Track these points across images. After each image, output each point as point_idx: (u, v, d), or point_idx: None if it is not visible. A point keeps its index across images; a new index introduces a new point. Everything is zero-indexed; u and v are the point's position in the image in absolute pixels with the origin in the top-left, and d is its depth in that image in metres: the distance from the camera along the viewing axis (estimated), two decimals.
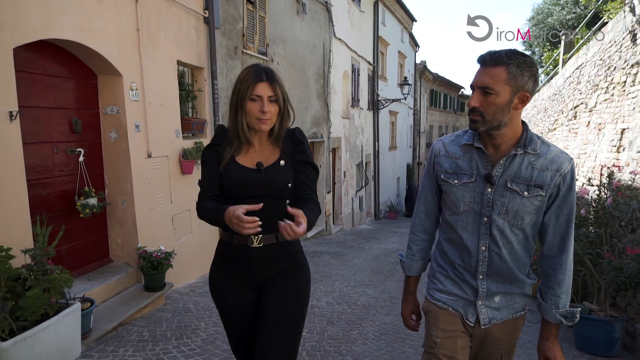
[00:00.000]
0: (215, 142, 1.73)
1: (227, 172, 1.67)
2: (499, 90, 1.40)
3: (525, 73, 1.40)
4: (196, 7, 5.31)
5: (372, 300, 5.11)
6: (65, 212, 3.77)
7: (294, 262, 1.78)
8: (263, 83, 1.64)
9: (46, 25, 3.24)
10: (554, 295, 1.53)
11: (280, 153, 1.73)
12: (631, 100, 4.83)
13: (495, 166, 1.50)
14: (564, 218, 1.50)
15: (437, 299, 1.65)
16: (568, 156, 1.50)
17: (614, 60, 5.64)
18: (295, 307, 1.75)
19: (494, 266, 1.54)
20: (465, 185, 1.55)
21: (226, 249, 1.74)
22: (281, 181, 1.69)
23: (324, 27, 10.08)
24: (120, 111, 4.13)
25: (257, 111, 1.64)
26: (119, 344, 3.29)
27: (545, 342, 1.56)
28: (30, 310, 2.34)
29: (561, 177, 1.47)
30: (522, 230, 1.52)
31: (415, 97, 21.85)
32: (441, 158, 1.62)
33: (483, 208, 1.52)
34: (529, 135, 1.49)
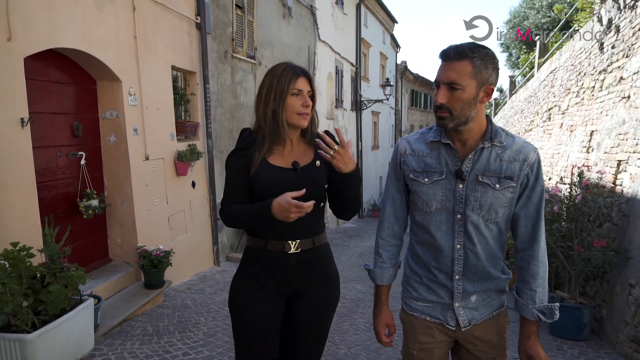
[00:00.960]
0: (243, 146, 1.66)
1: (261, 175, 1.61)
2: (465, 85, 1.38)
3: (489, 65, 1.40)
4: (189, 13, 5.48)
5: (360, 294, 5.37)
6: (67, 214, 3.91)
7: (327, 268, 1.75)
8: (303, 78, 1.63)
9: (53, 36, 3.39)
10: (530, 289, 1.50)
11: (314, 153, 1.69)
12: (599, 105, 5.20)
13: (465, 161, 1.48)
14: (534, 207, 1.50)
15: (413, 308, 1.61)
16: (533, 146, 1.51)
17: (583, 66, 6.02)
18: (329, 319, 1.76)
19: (469, 264, 1.51)
20: (436, 183, 1.51)
21: (258, 257, 1.66)
22: (318, 182, 1.65)
23: (309, 30, 10.31)
24: (119, 115, 4.29)
25: (299, 105, 1.61)
26: (125, 338, 3.47)
27: (527, 340, 1.52)
28: (53, 305, 2.51)
29: (529, 167, 1.47)
30: (496, 224, 1.50)
31: (396, 97, 22.25)
32: (408, 157, 1.57)
33: (456, 205, 1.49)
34: (494, 128, 1.49)
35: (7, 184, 2.97)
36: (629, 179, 4.01)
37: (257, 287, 1.66)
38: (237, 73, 6.85)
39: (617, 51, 4.89)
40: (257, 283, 1.66)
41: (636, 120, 4.09)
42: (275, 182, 1.59)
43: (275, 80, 1.61)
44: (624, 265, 3.73)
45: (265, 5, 7.87)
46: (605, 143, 4.73)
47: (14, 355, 2.35)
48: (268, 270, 1.66)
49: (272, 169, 1.62)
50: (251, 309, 1.66)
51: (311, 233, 1.66)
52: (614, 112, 4.68)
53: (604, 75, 5.19)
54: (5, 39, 2.96)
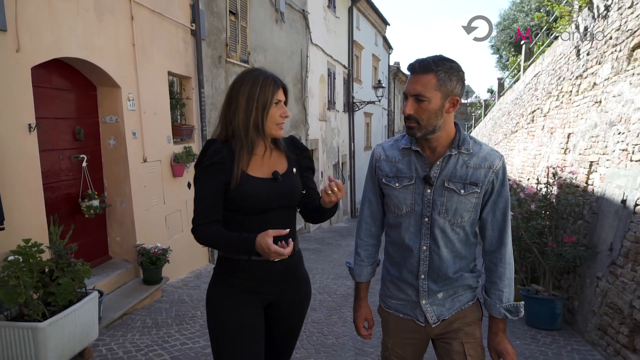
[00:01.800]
0: (218, 160, 1.57)
1: (243, 188, 1.56)
2: (430, 97, 1.46)
3: (453, 78, 1.47)
4: (184, 20, 5.70)
5: (349, 290, 5.61)
6: (70, 213, 4.12)
7: (302, 271, 1.78)
8: (282, 89, 1.64)
9: (57, 46, 3.61)
10: (497, 290, 1.58)
11: (287, 161, 1.70)
12: (575, 108, 5.48)
13: (433, 167, 1.56)
14: (500, 212, 1.57)
15: (388, 306, 1.71)
16: (499, 153, 1.58)
17: (563, 71, 6.30)
18: (303, 319, 1.82)
19: (434, 265, 1.58)
20: (406, 187, 1.59)
21: (240, 267, 1.61)
22: (298, 189, 1.68)
23: (301, 34, 10.54)
24: (118, 120, 4.50)
25: (278, 116, 1.61)
26: (126, 329, 3.69)
27: (495, 337, 1.61)
28: (62, 296, 2.73)
29: (494, 174, 1.54)
30: (462, 228, 1.57)
31: (389, 98, 22.56)
32: (382, 162, 1.66)
33: (424, 209, 1.56)
34: (462, 136, 1.56)
35: (16, 185, 3.18)
36: (599, 179, 4.28)
37: (243, 300, 1.61)
38: (231, 77, 7.06)
39: (592, 58, 5.16)
40: (242, 295, 1.61)
41: (606, 124, 4.37)
42: (257, 194, 1.56)
43: (256, 89, 1.57)
44: (593, 259, 4.00)
45: (258, 11, 8.10)
46: (580, 145, 5.01)
47: (27, 342, 2.57)
48: (253, 281, 1.61)
49: (254, 181, 1.58)
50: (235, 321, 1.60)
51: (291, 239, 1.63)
52: (588, 115, 4.96)
53: (580, 80, 5.48)
54: (15, 50, 3.17)
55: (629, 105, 3.91)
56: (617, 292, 3.48)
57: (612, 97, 4.35)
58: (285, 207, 1.63)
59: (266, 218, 1.59)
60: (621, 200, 3.68)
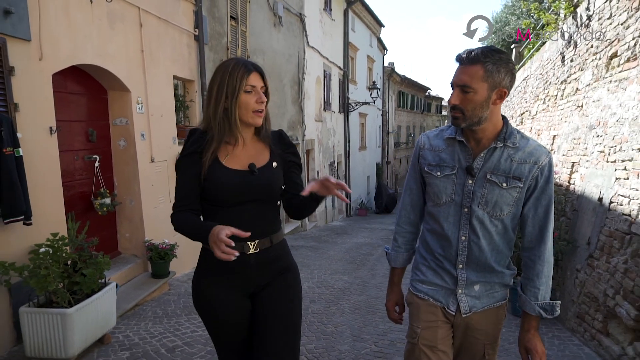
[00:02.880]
0: (194, 150, 1.58)
1: (215, 178, 1.55)
2: (476, 88, 1.44)
3: (501, 70, 1.44)
4: (188, 26, 5.95)
5: (346, 284, 5.89)
6: (84, 210, 4.37)
7: (285, 263, 1.74)
8: (255, 73, 1.57)
9: (75, 54, 3.85)
10: (533, 287, 1.55)
11: (269, 154, 1.67)
12: (560, 112, 5.79)
13: (476, 159, 1.54)
14: (542, 210, 1.54)
15: (419, 290, 1.69)
16: (546, 150, 1.54)
17: (549, 76, 6.62)
18: (293, 309, 1.73)
19: (472, 256, 1.57)
20: (447, 177, 1.58)
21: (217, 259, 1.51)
22: (276, 184, 1.65)
23: (298, 37, 10.81)
24: (128, 122, 4.75)
25: (254, 102, 1.56)
26: (139, 319, 3.95)
27: (526, 334, 1.59)
28: (87, 285, 2.99)
29: (539, 170, 1.50)
30: (501, 221, 1.55)
31: (383, 98, 22.85)
32: (425, 151, 1.66)
33: (464, 199, 1.55)
34: (509, 129, 1.54)
35: (39, 184, 3.42)
36: (580, 178, 4.59)
37: (217, 286, 1.63)
38: None
39: (575, 64, 5.47)
40: (217, 283, 1.63)
41: (586, 127, 4.67)
42: (230, 186, 1.56)
43: (226, 77, 1.54)
44: (573, 253, 4.31)
45: (257, 15, 8.36)
46: (564, 146, 5.32)
47: (57, 326, 2.83)
48: (227, 271, 1.62)
49: (227, 171, 1.57)
50: (214, 310, 1.64)
51: (269, 232, 1.64)
52: (571, 119, 5.27)
53: (565, 85, 5.79)
54: (38, 59, 3.42)
55: (607, 110, 4.21)
56: (593, 282, 3.78)
57: (592, 102, 4.65)
58: (261, 201, 1.60)
59: (239, 210, 1.56)
60: (598, 198, 3.98)
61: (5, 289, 3.06)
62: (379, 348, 3.60)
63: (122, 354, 3.22)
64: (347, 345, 3.68)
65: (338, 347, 3.62)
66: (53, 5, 3.56)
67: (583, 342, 3.79)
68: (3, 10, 3.05)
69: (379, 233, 11.92)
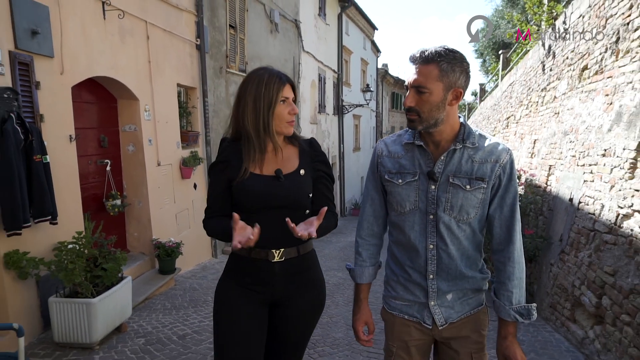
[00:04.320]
0: (223, 159, 1.64)
1: (244, 186, 1.58)
2: (432, 88, 1.40)
3: (456, 69, 1.40)
4: (190, 36, 6.29)
5: (341, 280, 6.26)
6: (96, 211, 4.70)
7: (312, 276, 1.71)
8: (288, 85, 1.61)
9: (91, 67, 4.19)
10: (506, 290, 1.49)
11: (299, 161, 1.67)
12: (540, 118, 6.19)
13: (437, 162, 1.49)
14: (508, 208, 1.50)
15: (392, 307, 1.63)
16: (506, 147, 1.50)
17: (532, 83, 7.02)
18: (311, 328, 1.72)
19: (442, 264, 1.51)
20: (409, 184, 1.52)
21: (242, 264, 1.63)
22: (302, 191, 1.63)
23: (294, 42, 11.16)
24: (136, 129, 5.09)
25: (287, 114, 1.59)
26: (150, 311, 4.29)
27: (504, 341, 1.51)
28: (108, 278, 3.33)
29: (501, 168, 1.47)
30: (468, 225, 1.50)
31: (377, 100, 23.24)
32: (384, 158, 1.60)
33: (428, 205, 1.50)
34: (466, 129, 1.50)
35: (62, 188, 3.75)
36: (555, 180, 4.98)
37: (243, 296, 1.63)
38: (230, 86, 7.67)
39: (554, 74, 5.87)
40: (243, 291, 1.63)
41: (562, 133, 5.07)
42: (257, 192, 1.58)
43: (262, 89, 1.56)
44: (548, 249, 4.70)
45: (254, 23, 8.70)
46: (542, 150, 5.72)
47: (83, 314, 3.17)
48: (252, 278, 1.62)
49: (255, 178, 1.59)
50: (233, 316, 1.62)
51: (296, 241, 1.60)
52: (549, 125, 5.66)
53: (545, 93, 6.19)
54: (59, 73, 3.75)
55: (578, 118, 4.61)
56: (564, 275, 4.17)
57: (567, 110, 5.05)
58: (288, 208, 1.59)
59: (266, 217, 1.56)
60: (569, 199, 4.37)
61: (33, 282, 3.39)
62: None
63: (138, 340, 3.57)
64: (341, 333, 4.04)
65: (333, 334, 3.98)
66: (72, 23, 3.90)
67: (554, 329, 4.18)
68: (31, 31, 3.39)
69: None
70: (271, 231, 1.55)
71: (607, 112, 3.90)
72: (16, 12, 3.26)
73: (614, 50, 3.94)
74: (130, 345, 3.46)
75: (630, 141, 3.34)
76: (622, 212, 3.28)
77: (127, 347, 3.43)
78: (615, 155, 3.54)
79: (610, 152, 3.67)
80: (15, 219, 2.99)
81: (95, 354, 3.25)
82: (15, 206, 2.97)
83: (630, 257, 3.06)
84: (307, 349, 3.68)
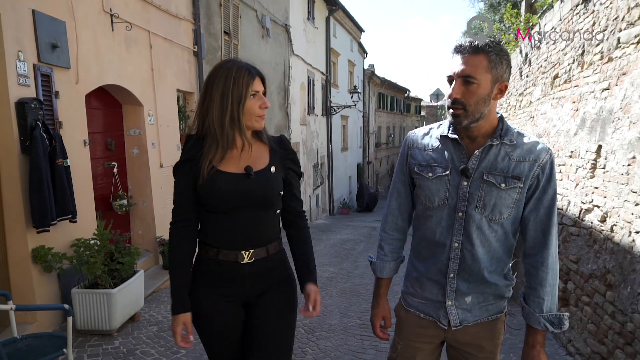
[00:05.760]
0: (189, 157, 1.56)
1: (211, 185, 1.51)
2: (480, 79, 1.33)
3: (503, 61, 1.36)
4: (188, 44, 6.60)
5: (332, 274, 6.64)
6: (104, 210, 4.99)
7: (282, 274, 1.69)
8: (258, 78, 1.55)
9: (101, 76, 4.49)
10: (537, 297, 1.42)
11: (269, 159, 1.61)
12: (518, 121, 6.64)
13: (471, 158, 1.43)
14: (545, 211, 1.42)
15: (409, 304, 1.60)
16: (546, 146, 1.43)
17: (511, 87, 7.48)
18: (288, 323, 1.68)
19: (465, 264, 1.45)
20: (439, 178, 1.46)
21: (211, 266, 1.59)
22: (273, 188, 1.58)
23: (284, 46, 11.50)
24: (141, 133, 5.40)
25: (257, 108, 1.53)
26: (158, 303, 4.62)
27: (531, 350, 1.44)
28: (125, 271, 3.65)
29: (540, 168, 1.40)
30: (501, 225, 1.43)
31: (364, 100, 23.66)
32: (414, 150, 1.54)
33: (458, 202, 1.44)
34: (504, 125, 1.44)
35: (78, 190, 4.05)
36: None
37: (210, 295, 1.60)
38: None
39: (530, 80, 6.32)
40: (210, 291, 1.61)
41: (536, 135, 5.51)
42: (225, 191, 1.52)
43: (230, 83, 1.49)
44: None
45: (247, 29, 9.03)
46: None
47: (103, 304, 3.50)
48: (221, 280, 1.59)
49: (223, 176, 1.53)
50: (206, 318, 1.61)
51: (265, 242, 1.59)
52: (525, 128, 6.11)
53: (522, 97, 6.64)
54: (75, 82, 4.06)
55: (550, 122, 5.05)
56: None
57: (541, 114, 5.49)
58: (258, 207, 1.56)
59: (234, 217, 1.53)
60: None
61: (55, 275, 3.70)
62: (362, 321, 4.35)
63: (151, 328, 3.90)
64: (335, 320, 4.42)
65: (329, 321, 4.36)
66: (86, 36, 4.20)
67: None
68: (51, 45, 3.69)
69: (361, 230, 12.70)
70: (240, 232, 1.54)
71: (573, 118, 4.34)
72: (39, 28, 3.56)
73: (580, 61, 4.38)
74: (145, 332, 3.79)
75: (591, 144, 3.77)
76: (585, 207, 3.72)
77: (142, 333, 3.76)
78: (580, 157, 3.98)
79: (575, 154, 4.11)
80: (45, 217, 3.30)
81: (115, 339, 3.58)
82: (44, 206, 3.28)
83: (590, 246, 3.49)
84: (306, 333, 4.06)
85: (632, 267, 2.83)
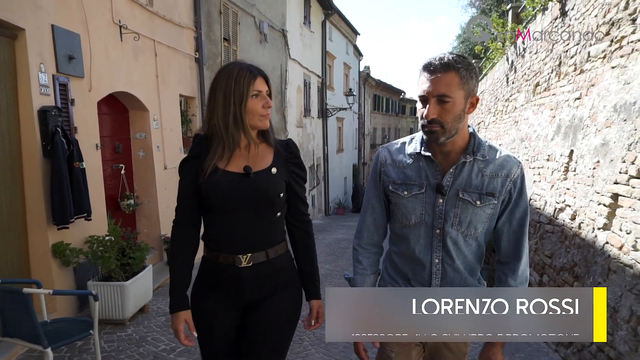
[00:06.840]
0: (195, 154, 1.58)
1: (211, 183, 1.52)
2: (455, 97, 1.34)
3: (473, 76, 1.38)
4: (190, 51, 6.91)
5: (328, 271, 6.96)
6: (112, 210, 5.30)
7: (285, 278, 1.67)
8: (260, 78, 1.55)
9: (112, 84, 4.80)
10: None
11: (272, 160, 1.62)
12: (504, 125, 6.99)
13: (445, 175, 1.44)
14: (517, 223, 1.48)
15: None
16: (516, 160, 1.47)
17: (498, 93, 7.83)
18: (287, 331, 1.67)
19: (447, 278, 1.49)
20: (415, 196, 1.47)
21: (211, 268, 1.62)
22: (272, 189, 1.57)
23: (281, 50, 11.82)
24: (146, 136, 5.70)
25: (261, 107, 1.54)
26: (164, 296, 4.91)
27: (491, 347, 1.51)
28: (136, 265, 3.96)
29: (512, 183, 1.44)
30: (475, 239, 1.48)
31: (359, 102, 24.01)
32: (388, 167, 1.55)
33: (435, 220, 1.46)
34: (476, 140, 1.45)
35: (91, 190, 4.36)
36: None
37: (210, 297, 1.63)
38: None
39: (515, 86, 6.68)
40: (210, 293, 1.63)
41: (519, 139, 5.86)
42: (224, 190, 1.53)
43: (232, 83, 1.51)
44: None
45: (246, 35, 9.34)
46: None
47: (117, 295, 3.81)
48: (221, 282, 1.61)
49: (223, 175, 1.54)
50: (205, 320, 1.63)
51: (264, 245, 1.59)
52: (510, 132, 6.46)
53: (508, 103, 7.00)
54: (88, 90, 4.36)
55: (532, 127, 5.40)
56: None
57: (524, 119, 5.84)
58: (257, 209, 1.56)
59: (233, 218, 1.55)
60: None
61: (71, 269, 4.00)
62: None
63: (160, 318, 4.20)
64: None
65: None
66: (98, 47, 4.50)
67: None
68: (68, 56, 3.99)
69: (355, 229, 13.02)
70: (238, 234, 1.55)
71: (551, 124, 4.68)
72: (57, 41, 3.87)
73: (557, 72, 4.73)
74: (154, 322, 4.09)
75: (565, 149, 4.11)
76: (558, 207, 4.06)
77: (152, 323, 4.07)
78: (555, 160, 4.32)
79: (552, 158, 4.45)
80: (65, 215, 3.60)
81: (127, 327, 3.89)
82: (64, 205, 3.59)
83: (562, 242, 3.83)
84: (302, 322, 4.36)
85: (594, 259, 3.17)
